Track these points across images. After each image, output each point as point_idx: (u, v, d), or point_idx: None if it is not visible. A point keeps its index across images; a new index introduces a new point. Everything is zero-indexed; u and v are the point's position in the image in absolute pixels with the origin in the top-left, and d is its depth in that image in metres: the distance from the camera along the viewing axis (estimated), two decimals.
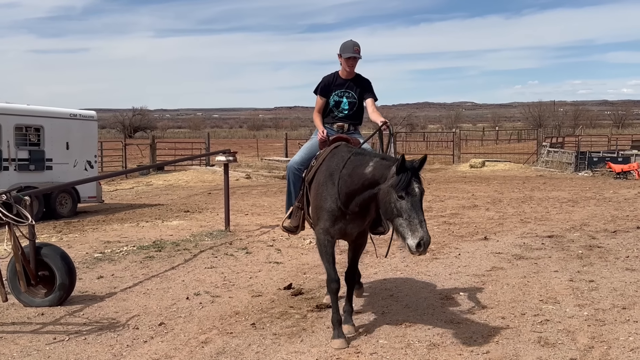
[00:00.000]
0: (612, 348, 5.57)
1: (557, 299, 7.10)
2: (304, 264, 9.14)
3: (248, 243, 10.72)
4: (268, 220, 13.50)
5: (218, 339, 5.99)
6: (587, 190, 19.61)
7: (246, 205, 16.26)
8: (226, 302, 7.20)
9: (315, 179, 6.21)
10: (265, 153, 41.04)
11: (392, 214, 5.40)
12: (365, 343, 5.81)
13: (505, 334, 5.98)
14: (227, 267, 8.93)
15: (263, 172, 26.86)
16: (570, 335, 5.91)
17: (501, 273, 8.39)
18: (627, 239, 10.64)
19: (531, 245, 10.21)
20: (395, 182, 5.30)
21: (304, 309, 6.91)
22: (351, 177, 5.75)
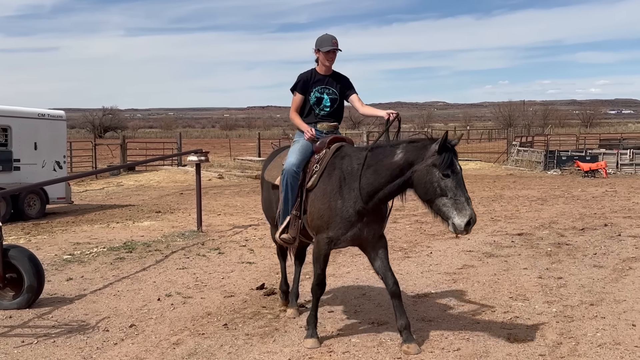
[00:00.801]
0: (580, 344, 5.64)
1: (526, 296, 7.19)
2: (277, 264, 9.06)
3: (220, 243, 10.66)
4: (241, 220, 13.45)
5: (190, 340, 5.94)
6: (556, 188, 19.86)
7: (219, 206, 16.18)
8: (198, 303, 7.15)
9: (321, 185, 5.87)
10: (238, 153, 40.86)
11: (434, 194, 5.27)
12: (337, 342, 5.81)
13: (476, 331, 6.03)
14: (199, 268, 8.87)
15: (236, 172, 26.73)
16: (539, 331, 5.98)
17: (472, 271, 8.46)
18: (594, 237, 10.81)
19: (501, 243, 10.31)
20: (439, 161, 5.21)
21: (276, 309, 6.89)
22: (377, 172, 5.57)
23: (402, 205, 15.41)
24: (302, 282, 7.27)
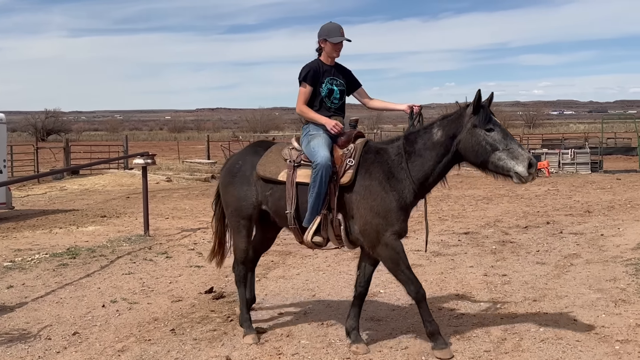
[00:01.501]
0: (524, 339, 5.74)
1: (472, 294, 7.30)
2: (226, 267, 8.89)
3: (168, 247, 10.52)
4: (189, 223, 13.30)
5: (135, 346, 5.83)
6: (501, 188, 20.15)
7: (167, 209, 15.97)
8: (144, 309, 7.02)
9: (361, 182, 5.59)
10: (187, 155, 40.46)
11: (486, 153, 5.29)
12: (287, 344, 5.79)
13: (423, 329, 6.07)
14: (145, 273, 8.72)
15: (184, 174, 26.45)
16: (484, 328, 6.06)
17: (420, 270, 8.51)
18: (537, 234, 11.05)
19: (448, 242, 10.44)
20: (478, 120, 5.28)
21: (225, 312, 6.83)
22: (422, 156, 5.51)
23: None
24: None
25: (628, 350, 5.37)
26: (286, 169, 5.81)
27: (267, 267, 8.86)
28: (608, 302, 6.73)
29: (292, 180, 5.75)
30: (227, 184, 6.22)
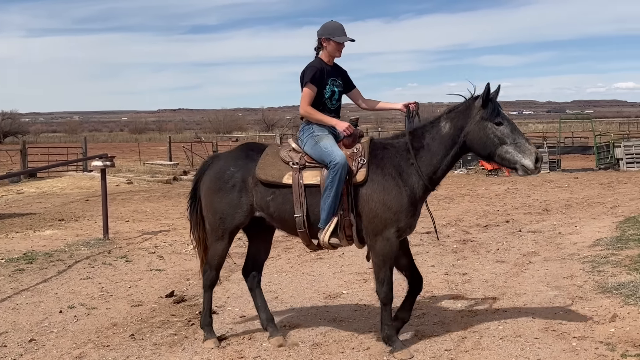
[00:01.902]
0: (484, 337, 5.80)
1: (433, 293, 7.35)
2: (187, 270, 8.94)
3: (128, 251, 10.37)
4: (150, 226, 13.12)
5: (94, 353, 5.74)
6: (462, 187, 20.40)
7: (127, 212, 15.74)
8: (103, 314, 6.90)
9: (374, 178, 5.54)
10: (148, 157, 39.98)
11: (494, 145, 5.39)
12: (248, 347, 5.77)
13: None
14: (104, 277, 8.57)
15: (146, 176, 26.14)
16: (445, 326, 6.12)
17: None
18: (497, 233, 11.18)
19: (410, 242, 10.44)
20: (488, 113, 5.38)
21: (186, 316, 6.76)
22: (431, 150, 5.56)
23: None
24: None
25: (585, 346, 5.46)
26: (290, 172, 5.63)
27: (229, 270, 8.77)
28: (565, 300, 6.84)
29: (299, 182, 5.60)
30: (215, 191, 5.84)
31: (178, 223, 13.28)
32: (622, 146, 28.36)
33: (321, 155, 5.59)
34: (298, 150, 5.79)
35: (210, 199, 5.90)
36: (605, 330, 5.80)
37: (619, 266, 8.00)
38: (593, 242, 9.83)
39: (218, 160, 6.11)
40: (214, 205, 5.86)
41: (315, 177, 5.58)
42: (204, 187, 5.99)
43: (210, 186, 5.92)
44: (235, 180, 5.77)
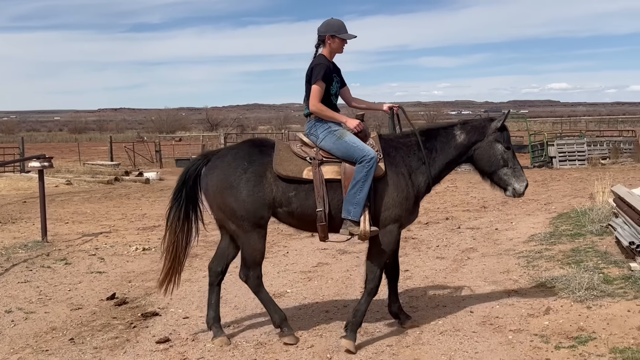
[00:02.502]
0: (424, 332, 5.89)
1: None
2: (129, 272, 8.78)
3: (68, 253, 10.10)
4: (91, 228, 12.82)
5: (32, 357, 5.59)
6: None
7: (66, 213, 15.34)
8: (42, 318, 6.71)
9: (389, 172, 5.69)
10: (89, 157, 39.22)
11: (498, 165, 5.95)
12: (192, 348, 5.71)
13: (329, 327, 6.15)
14: (43, 281, 8.32)
15: (86, 177, 25.56)
16: (386, 322, 6.18)
17: (326, 268, 8.59)
18: (437, 230, 11.34)
19: (354, 240, 10.49)
20: (502, 137, 5.93)
21: (128, 318, 6.63)
22: (445, 153, 5.94)
23: None
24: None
25: (520, 339, 5.58)
26: (308, 167, 5.62)
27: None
28: (502, 294, 6.97)
29: (320, 177, 5.60)
30: (230, 186, 5.60)
31: (120, 224, 13.06)
32: (555, 145, 29.22)
33: (349, 151, 5.62)
34: (311, 145, 5.78)
35: (225, 196, 5.66)
36: (539, 323, 5.93)
37: (553, 261, 8.19)
38: (528, 238, 10.04)
39: (224, 157, 5.82)
40: (230, 202, 5.64)
41: (336, 172, 5.64)
42: (214, 185, 5.70)
43: (221, 183, 5.68)
44: (252, 175, 5.60)
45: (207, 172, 5.77)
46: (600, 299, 6.39)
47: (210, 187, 5.71)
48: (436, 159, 5.93)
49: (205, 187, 5.77)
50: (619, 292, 6.53)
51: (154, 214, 14.60)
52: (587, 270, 7.33)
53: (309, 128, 5.89)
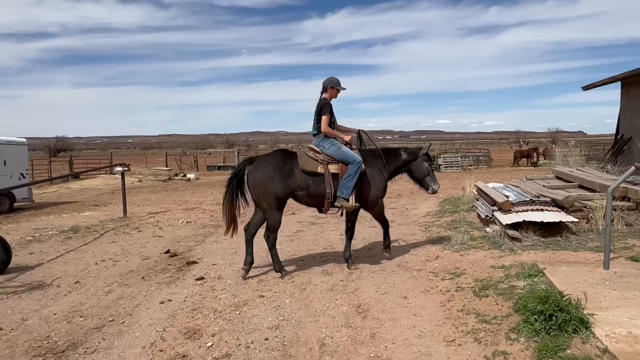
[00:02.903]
0: (363, 272, 5.92)
1: (333, 247, 7.40)
2: (178, 236, 8.70)
3: (139, 224, 9.97)
4: (154, 208, 12.61)
5: (118, 289, 5.54)
6: None
7: (139, 200, 15.06)
8: (124, 265, 6.65)
9: (369, 171, 5.96)
10: (152, 165, 38.34)
11: (425, 174, 6.24)
12: (218, 283, 5.68)
13: (302, 268, 6.15)
14: (124, 242, 8.22)
15: (150, 177, 25.11)
16: (340, 267, 6.20)
17: (302, 234, 8.58)
18: None
19: (319, 216, 10.48)
20: (428, 160, 6.32)
21: (177, 265, 6.58)
22: (395, 165, 6.24)
23: None
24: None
25: (421, 275, 5.66)
26: (320, 165, 5.75)
27: (205, 235, 8.62)
28: (410, 248, 7.01)
29: (328, 171, 5.74)
30: (271, 177, 5.61)
31: (172, 206, 12.91)
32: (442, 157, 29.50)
33: (344, 156, 5.80)
34: (319, 152, 5.88)
35: (266, 183, 5.62)
36: (432, 265, 6.00)
37: (440, 227, 8.27)
38: (426, 214, 10.12)
39: (265, 159, 5.78)
40: (269, 187, 5.62)
41: (336, 168, 5.79)
42: (259, 178, 5.64)
43: (264, 175, 5.63)
44: (286, 170, 5.67)
45: (253, 170, 5.73)
46: (468, 250, 6.47)
47: (257, 179, 5.66)
48: (390, 165, 6.18)
49: (252, 179, 5.70)
50: (479, 245, 6.62)
51: (193, 200, 14.44)
52: (460, 233, 7.42)
53: (318, 141, 5.97)
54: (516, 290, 4.68)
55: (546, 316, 3.77)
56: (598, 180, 8.11)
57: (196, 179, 25.67)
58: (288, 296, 5.11)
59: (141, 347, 4.07)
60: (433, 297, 4.86)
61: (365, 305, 4.77)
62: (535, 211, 6.97)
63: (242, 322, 4.48)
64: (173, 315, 4.70)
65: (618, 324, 3.72)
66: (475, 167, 28.93)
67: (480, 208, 8.48)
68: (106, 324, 4.55)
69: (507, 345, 3.72)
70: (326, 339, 4.08)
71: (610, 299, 4.23)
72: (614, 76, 13.61)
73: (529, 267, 5.30)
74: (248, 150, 58.43)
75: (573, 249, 6.08)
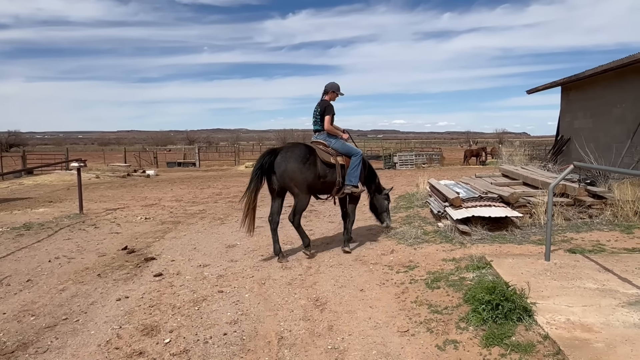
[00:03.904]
0: (321, 266, 5.92)
1: (292, 242, 7.35)
2: (136, 233, 8.39)
3: (96, 221, 9.55)
4: (111, 205, 12.09)
5: (72, 286, 5.27)
6: None
7: (96, 196, 14.42)
8: (79, 262, 6.33)
9: None
10: (111, 161, 36.97)
11: (383, 210, 7.03)
12: (176, 279, 5.51)
13: (263, 264, 6.08)
14: (80, 238, 7.84)
15: (108, 173, 24.03)
16: (298, 261, 6.17)
17: (261, 229, 8.43)
18: (329, 205, 11.26)
19: (282, 212, 10.43)
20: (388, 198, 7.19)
21: (135, 261, 6.34)
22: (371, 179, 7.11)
23: (220, 192, 14.95)
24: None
25: (377, 268, 5.71)
26: (332, 157, 6.26)
27: (164, 232, 8.37)
28: (367, 242, 7.07)
29: (338, 163, 6.28)
30: (300, 168, 5.98)
31: (130, 203, 12.46)
32: (397, 156, 30.03)
33: (348, 150, 6.41)
34: (327, 145, 6.38)
35: (296, 173, 5.97)
36: (388, 259, 6.06)
37: (396, 222, 8.33)
38: None
39: (293, 152, 6.05)
40: (299, 176, 5.99)
41: (342, 160, 6.35)
42: (292, 168, 5.96)
43: (293, 167, 5.96)
44: (312, 162, 6.06)
45: (283, 161, 5.99)
46: (422, 244, 6.59)
47: (288, 169, 5.96)
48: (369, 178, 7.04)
49: (283, 169, 5.97)
50: (432, 240, 6.76)
51: (153, 196, 14.00)
52: (414, 228, 7.54)
53: (324, 137, 6.44)
54: (466, 281, 4.81)
55: (493, 306, 3.89)
56: (540, 178, 8.47)
57: (156, 175, 24.92)
58: (247, 291, 5.04)
59: (96, 345, 3.90)
60: (388, 290, 4.92)
61: (323, 298, 4.76)
62: (484, 207, 7.20)
63: (201, 317, 4.37)
64: (130, 312, 4.53)
65: (557, 312, 3.89)
66: (428, 165, 29.62)
67: (433, 204, 8.67)
68: (59, 323, 4.33)
69: (457, 334, 3.81)
70: (285, 332, 4.05)
71: (550, 288, 4.42)
72: (555, 81, 14.27)
73: (478, 259, 5.47)
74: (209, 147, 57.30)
75: (518, 242, 6.32)
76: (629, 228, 6.81)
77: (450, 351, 3.59)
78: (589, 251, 5.70)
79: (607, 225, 7.02)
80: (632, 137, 10.36)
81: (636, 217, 7.21)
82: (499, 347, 3.50)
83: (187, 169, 32.82)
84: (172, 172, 29.06)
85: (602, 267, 4.99)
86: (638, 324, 3.62)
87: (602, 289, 4.35)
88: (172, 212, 10.69)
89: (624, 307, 3.93)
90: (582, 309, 3.91)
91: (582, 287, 4.41)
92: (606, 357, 3.14)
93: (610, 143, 11.54)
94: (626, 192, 7.60)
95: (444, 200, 8.00)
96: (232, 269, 5.89)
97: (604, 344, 3.32)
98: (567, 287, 4.44)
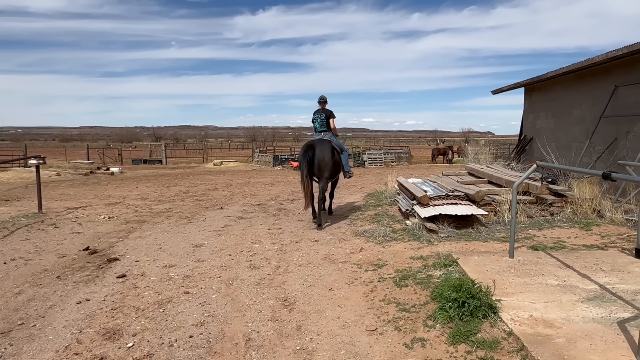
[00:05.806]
0: (290, 265, 5.87)
1: (261, 241, 7.27)
2: (99, 233, 8.11)
3: (56, 220, 9.18)
4: (73, 203, 11.64)
5: (29, 290, 5.03)
6: (279, 177, 20.55)
7: (56, 194, 13.85)
8: (37, 263, 6.05)
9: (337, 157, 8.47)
10: (72, 158, 35.73)
11: None
12: (141, 280, 5.35)
13: (231, 263, 5.98)
14: (38, 239, 7.51)
15: (70, 171, 23.21)
16: (267, 261, 6.10)
17: (230, 228, 8.36)
18: (298, 204, 11.31)
19: (247, 210, 10.35)
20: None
21: (98, 262, 6.12)
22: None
23: (187, 190, 14.60)
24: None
25: (346, 267, 5.71)
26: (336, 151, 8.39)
27: (128, 231, 8.12)
28: (336, 241, 7.07)
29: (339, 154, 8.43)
30: (330, 158, 8.04)
31: (93, 201, 12.05)
32: (367, 154, 30.25)
33: (342, 146, 8.63)
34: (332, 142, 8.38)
35: (328, 162, 7.99)
36: (357, 257, 6.07)
37: (364, 220, 8.40)
38: (351, 208, 10.20)
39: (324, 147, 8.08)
40: (331, 165, 8.06)
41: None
42: (326, 157, 7.99)
43: (326, 157, 7.99)
44: (334, 152, 8.20)
45: (320, 152, 7.96)
46: (390, 242, 6.63)
47: (325, 158, 7.98)
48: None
49: (322, 158, 7.94)
50: (400, 238, 6.82)
51: (117, 194, 13.59)
52: (383, 226, 7.60)
53: (329, 136, 8.57)
54: (433, 279, 4.87)
55: (459, 303, 3.95)
56: (505, 177, 8.69)
57: (120, 173, 24.19)
58: (214, 292, 4.94)
59: (54, 351, 3.73)
60: (357, 288, 4.93)
61: (292, 298, 4.73)
62: (450, 205, 7.32)
63: (166, 320, 4.25)
64: (91, 315, 4.36)
65: (521, 308, 3.98)
66: (397, 163, 30.00)
67: (401, 202, 8.76)
68: (14, 328, 4.12)
69: (424, 332, 3.85)
70: (252, 333, 3.99)
71: (514, 285, 4.52)
72: (519, 82, 14.68)
73: (444, 257, 5.55)
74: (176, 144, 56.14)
75: (483, 239, 6.46)
76: (587, 225, 7.07)
77: (417, 349, 3.62)
78: (551, 248, 5.89)
79: (567, 222, 7.26)
80: (590, 137, 10.77)
81: (594, 215, 7.50)
82: (465, 344, 3.55)
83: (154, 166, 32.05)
84: (138, 169, 28.32)
85: (563, 263, 5.16)
86: (597, 319, 3.75)
87: (563, 285, 4.49)
88: (137, 210, 10.40)
89: (583, 302, 4.07)
90: (545, 305, 4.02)
91: (544, 283, 4.54)
92: (567, 352, 3.24)
93: (571, 143, 11.97)
94: (585, 190, 7.89)
95: (412, 199, 8.09)
96: (198, 269, 5.76)
97: (565, 339, 3.43)
98: (530, 283, 4.56)
